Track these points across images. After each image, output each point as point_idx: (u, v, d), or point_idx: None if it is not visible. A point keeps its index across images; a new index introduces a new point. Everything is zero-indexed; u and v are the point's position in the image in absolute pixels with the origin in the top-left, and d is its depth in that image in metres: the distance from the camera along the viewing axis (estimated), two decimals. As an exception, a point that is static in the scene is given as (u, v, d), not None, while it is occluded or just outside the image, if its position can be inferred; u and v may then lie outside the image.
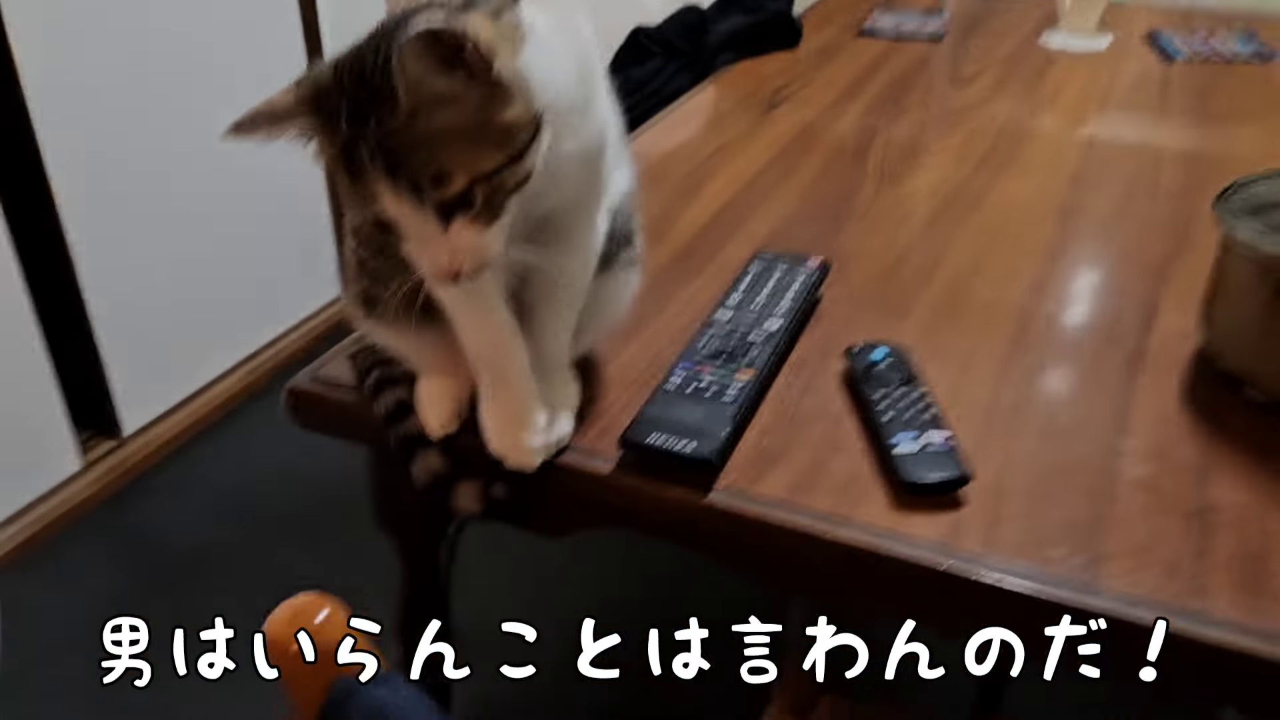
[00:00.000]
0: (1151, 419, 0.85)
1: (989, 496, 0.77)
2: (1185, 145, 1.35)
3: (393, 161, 0.60)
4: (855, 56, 1.69)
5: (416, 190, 0.61)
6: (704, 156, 1.33)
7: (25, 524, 1.87)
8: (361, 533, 0.93)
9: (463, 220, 0.63)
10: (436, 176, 0.61)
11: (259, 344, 2.34)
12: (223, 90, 2.09)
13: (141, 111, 1.94)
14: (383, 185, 0.61)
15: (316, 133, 0.64)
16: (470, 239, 0.64)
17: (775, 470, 0.79)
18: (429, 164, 0.61)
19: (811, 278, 0.98)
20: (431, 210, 0.62)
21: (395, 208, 0.62)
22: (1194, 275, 1.04)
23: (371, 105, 0.60)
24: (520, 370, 0.78)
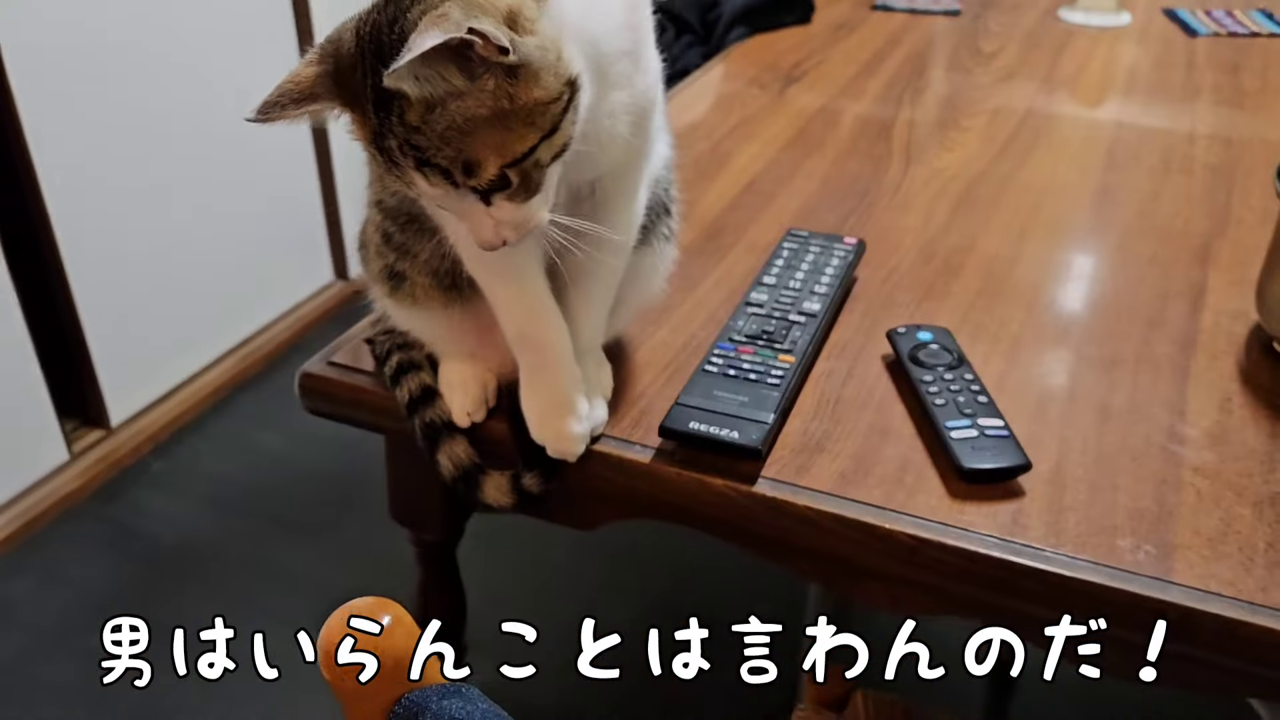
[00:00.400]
0: (1210, 403, 0.81)
1: (1049, 485, 0.73)
2: (1218, 122, 1.31)
3: (420, 155, 0.58)
4: (871, 32, 1.64)
5: (449, 178, 0.58)
6: (723, 134, 1.28)
7: (12, 516, 1.81)
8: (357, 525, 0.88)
9: (501, 197, 0.60)
10: (467, 165, 0.58)
11: (250, 331, 2.28)
12: (207, 74, 2.03)
13: (126, 95, 1.88)
14: (415, 175, 0.59)
15: (345, 111, 0.61)
16: (512, 212, 0.61)
17: (822, 459, 0.75)
18: (457, 156, 0.58)
19: (848, 257, 0.93)
20: (469, 192, 0.59)
21: (431, 191, 0.60)
22: (1241, 253, 1.01)
23: (393, 98, 0.57)
24: (564, 351, 0.73)
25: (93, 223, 1.87)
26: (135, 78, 1.89)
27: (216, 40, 2.03)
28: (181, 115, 1.99)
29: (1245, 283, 0.95)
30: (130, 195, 1.93)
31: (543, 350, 0.73)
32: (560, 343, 0.73)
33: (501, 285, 0.72)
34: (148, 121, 1.93)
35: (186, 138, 2.00)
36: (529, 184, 0.60)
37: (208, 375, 2.17)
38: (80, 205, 1.83)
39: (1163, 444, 0.77)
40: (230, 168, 2.12)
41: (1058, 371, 0.85)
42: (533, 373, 0.74)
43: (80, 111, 1.80)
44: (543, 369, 0.74)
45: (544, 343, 0.73)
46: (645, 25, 0.69)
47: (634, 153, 0.70)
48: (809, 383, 0.83)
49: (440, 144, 0.57)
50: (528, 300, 0.72)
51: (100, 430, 1.99)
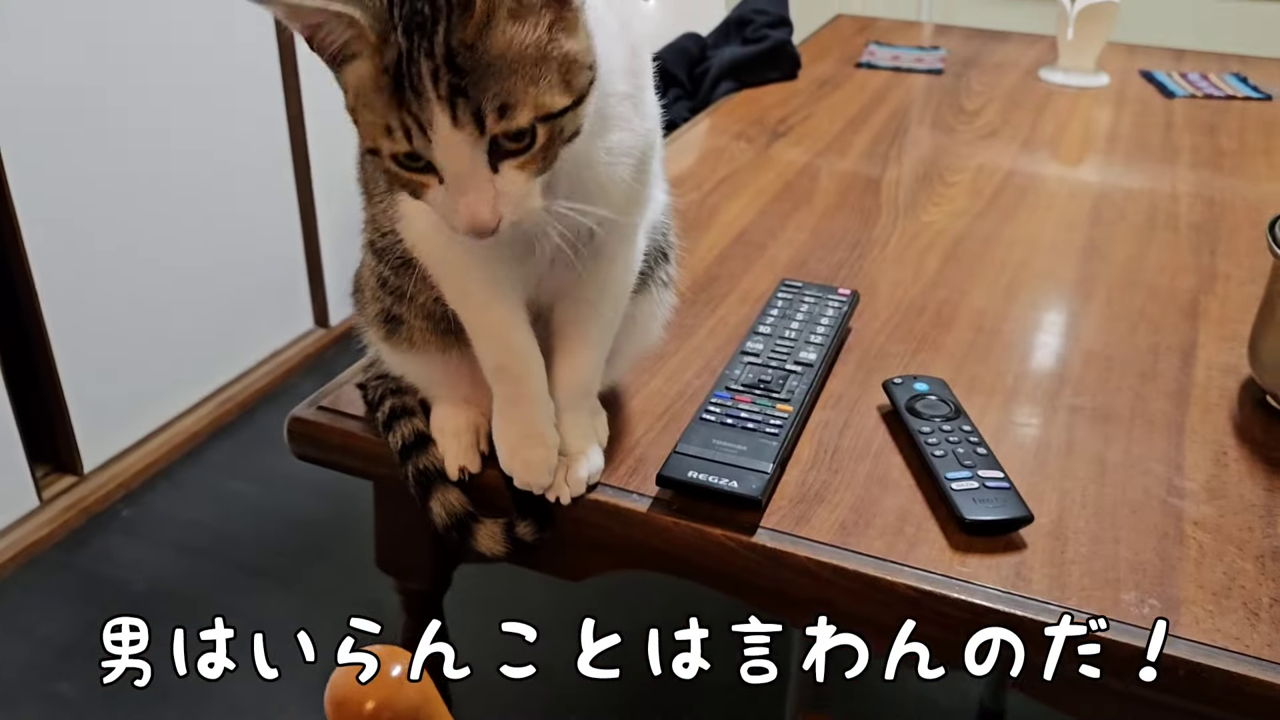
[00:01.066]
0: (1206, 457, 0.81)
1: (1051, 538, 0.72)
2: (1199, 181, 1.33)
3: (457, 82, 0.54)
4: (856, 89, 1.66)
5: (478, 119, 0.55)
6: (711, 187, 1.29)
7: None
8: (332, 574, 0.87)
9: (511, 165, 0.57)
10: (502, 107, 0.55)
11: (227, 378, 2.25)
12: (189, 115, 2.02)
13: (106, 135, 1.87)
14: (439, 110, 0.54)
15: (359, 38, 0.55)
16: (518, 185, 0.58)
17: (821, 509, 0.74)
18: (497, 91, 0.54)
19: (843, 308, 0.93)
20: (486, 147, 0.56)
21: (446, 140, 0.55)
22: (1229, 308, 1.02)
23: (439, 12, 0.53)
24: (539, 385, 0.73)
25: (72, 267, 1.84)
26: (116, 124, 1.88)
27: (200, 90, 2.03)
28: (161, 160, 1.98)
29: (1235, 338, 0.96)
30: (110, 240, 1.91)
31: (518, 383, 0.72)
32: (536, 376, 0.72)
33: (480, 317, 0.71)
34: (127, 166, 1.91)
35: (167, 182, 1.99)
36: (548, 153, 0.58)
37: (183, 422, 2.14)
38: (59, 249, 1.81)
39: (1162, 497, 0.77)
40: (212, 213, 2.11)
41: (1054, 424, 0.85)
42: (507, 404, 0.73)
43: (61, 154, 1.79)
44: (517, 401, 0.73)
45: (520, 375, 0.72)
46: (646, 72, 0.69)
47: (634, 197, 0.69)
48: (806, 433, 0.82)
49: (483, 73, 0.54)
50: (506, 333, 0.71)
51: (72, 476, 1.95)
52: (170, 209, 2.02)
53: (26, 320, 1.82)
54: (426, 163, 0.57)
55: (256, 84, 2.16)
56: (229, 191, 2.14)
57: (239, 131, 2.14)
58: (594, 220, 0.66)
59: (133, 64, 1.88)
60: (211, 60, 2.04)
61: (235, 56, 2.10)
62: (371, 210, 0.76)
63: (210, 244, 2.13)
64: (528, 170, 0.58)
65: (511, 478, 0.73)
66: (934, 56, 1.82)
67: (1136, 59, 1.88)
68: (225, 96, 2.09)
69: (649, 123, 0.68)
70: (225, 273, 2.18)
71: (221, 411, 2.20)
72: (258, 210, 2.24)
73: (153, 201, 1.98)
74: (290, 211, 2.31)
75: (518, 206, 0.59)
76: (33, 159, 1.73)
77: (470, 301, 0.71)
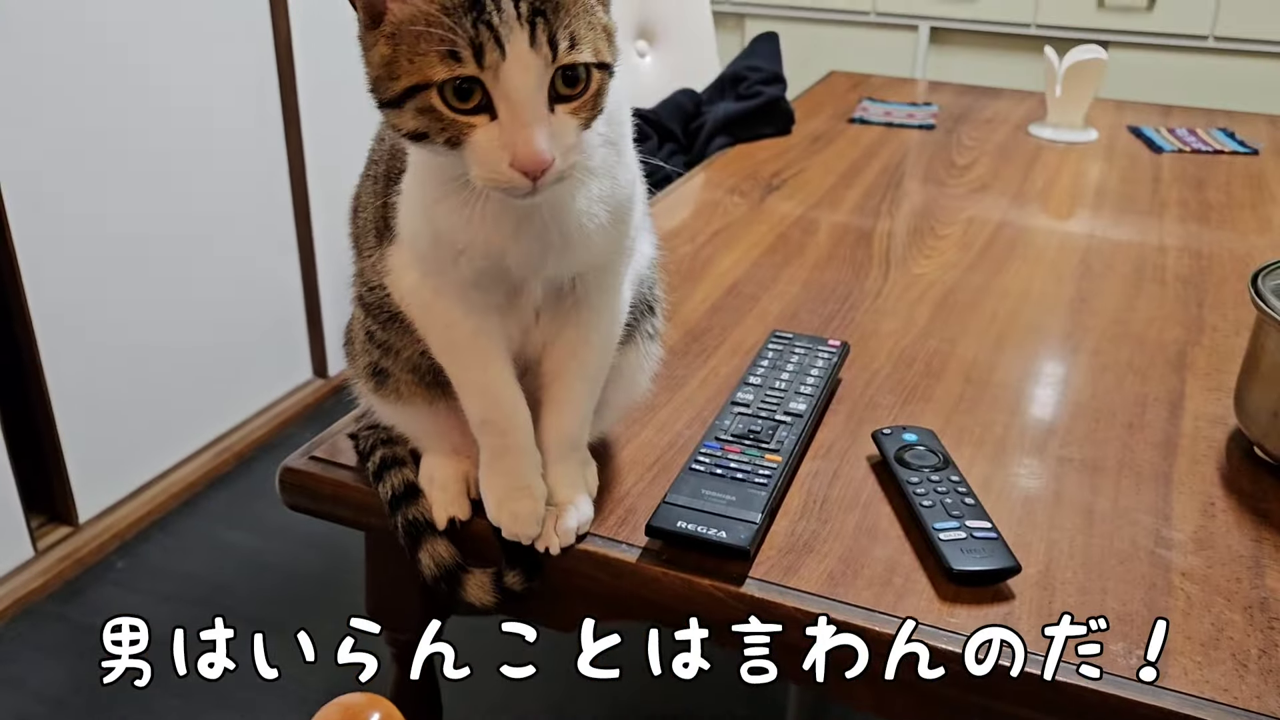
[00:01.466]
0: (1194, 508, 0.81)
1: (1038, 588, 0.72)
2: (1186, 235, 1.35)
3: (535, 6, 0.56)
4: (848, 144, 1.69)
5: (553, 44, 0.57)
6: (704, 239, 1.30)
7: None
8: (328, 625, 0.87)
9: (565, 109, 0.59)
10: (572, 39, 0.58)
11: (225, 428, 2.25)
12: (192, 165, 2.05)
13: (108, 186, 1.89)
14: (520, 29, 0.56)
15: None
16: (569, 130, 0.60)
17: (810, 560, 0.74)
18: (567, 24, 0.57)
19: (833, 359, 0.94)
20: (550, 77, 0.58)
21: (521, 59, 0.57)
22: (1216, 360, 1.03)
23: None
24: (525, 437, 0.74)
25: (71, 316, 1.86)
26: (118, 175, 1.91)
27: (202, 140, 2.06)
28: (163, 211, 2.00)
29: (1222, 389, 0.97)
30: (110, 289, 1.93)
31: (504, 435, 0.73)
32: (522, 429, 0.73)
33: (466, 371, 0.72)
34: (129, 217, 1.94)
35: (168, 232, 2.02)
36: (595, 104, 0.60)
37: (179, 472, 2.14)
38: (59, 299, 1.83)
39: (1150, 548, 0.77)
40: (212, 263, 2.13)
41: (1042, 475, 0.85)
42: (494, 457, 0.74)
43: (63, 207, 1.81)
44: (504, 454, 0.74)
45: (506, 428, 0.73)
46: (626, 121, 0.71)
47: (614, 246, 0.71)
48: (796, 483, 0.82)
49: (555, 7, 0.57)
50: (492, 387, 0.72)
51: (67, 527, 1.95)
52: (171, 259, 2.04)
53: (26, 371, 1.83)
54: (478, 103, 0.58)
55: (259, 135, 2.19)
56: (230, 241, 2.16)
57: (241, 182, 2.17)
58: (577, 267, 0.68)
59: (134, 113, 1.91)
60: (214, 111, 2.07)
61: (238, 108, 2.13)
62: (361, 264, 0.77)
63: (210, 294, 2.15)
64: (578, 116, 0.60)
65: (499, 528, 0.74)
66: (926, 112, 1.85)
67: (1125, 115, 1.91)
68: (228, 146, 2.12)
69: (629, 173, 0.70)
70: (224, 322, 2.20)
71: (219, 462, 2.20)
72: (258, 260, 2.26)
73: (153, 251, 2.00)
74: (291, 262, 2.34)
75: (565, 154, 0.60)
76: (35, 211, 1.76)
77: (456, 355, 0.72)
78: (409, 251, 0.70)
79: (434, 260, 0.68)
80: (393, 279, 0.72)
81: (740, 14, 3.29)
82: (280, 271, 2.32)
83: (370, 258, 0.74)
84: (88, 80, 1.81)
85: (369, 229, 0.75)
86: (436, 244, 0.67)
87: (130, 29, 1.87)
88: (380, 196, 0.73)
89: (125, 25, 1.86)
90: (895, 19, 3.13)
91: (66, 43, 1.76)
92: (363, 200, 0.77)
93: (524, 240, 0.66)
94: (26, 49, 1.69)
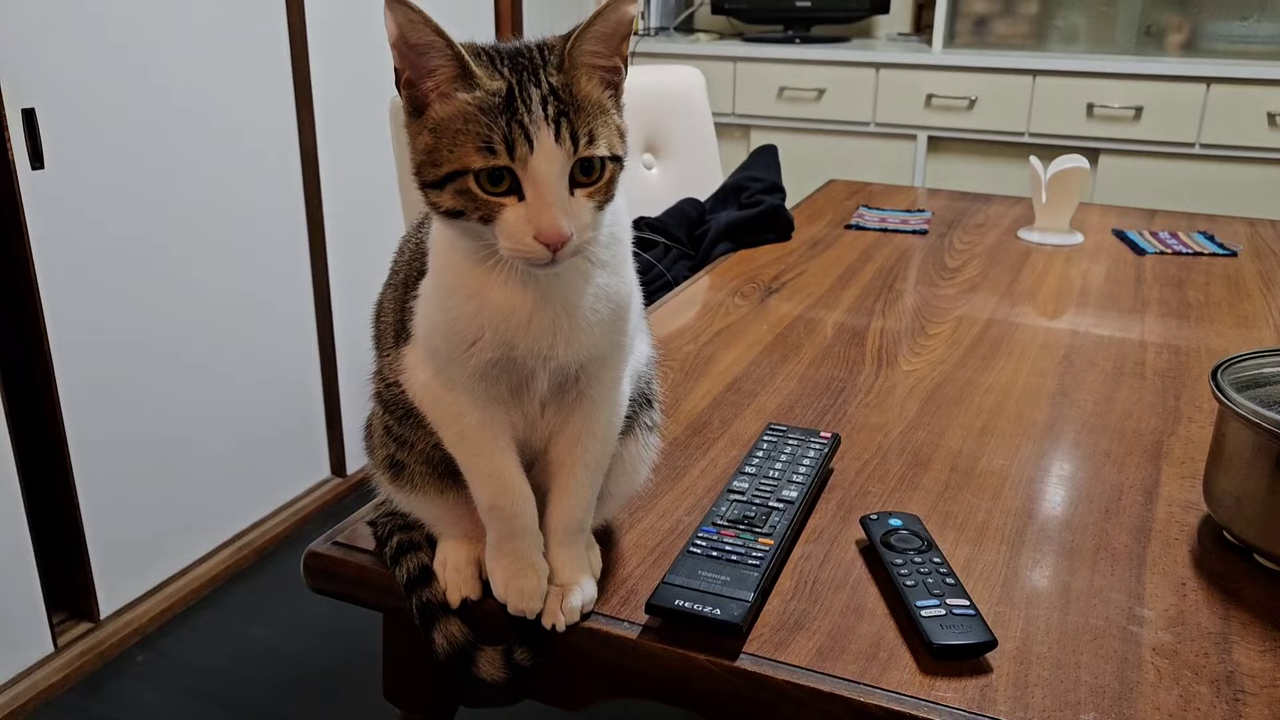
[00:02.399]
0: (1166, 588, 0.86)
1: (1015, 662, 0.77)
2: (1166, 331, 1.42)
3: (561, 109, 0.66)
4: (845, 248, 1.78)
5: (574, 139, 0.67)
6: (707, 338, 1.38)
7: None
8: (348, 718, 0.91)
9: (582, 193, 0.68)
10: (590, 135, 0.67)
11: (245, 525, 2.31)
12: (218, 266, 2.15)
13: (138, 290, 1.99)
14: (546, 128, 0.66)
15: (456, 75, 0.67)
16: (585, 210, 0.69)
17: (800, 636, 0.79)
18: (586, 123, 0.67)
19: (824, 449, 1.00)
20: (570, 167, 0.67)
21: (547, 152, 0.66)
22: (1190, 449, 1.08)
23: (541, 61, 0.68)
24: (530, 522, 0.80)
25: (99, 414, 1.93)
26: (145, 272, 2.00)
27: (227, 241, 2.16)
28: (189, 310, 2.09)
29: (1195, 476, 1.02)
30: (137, 389, 2.00)
31: (511, 520, 0.79)
32: (528, 514, 0.79)
33: (476, 460, 0.78)
34: (157, 316, 2.02)
35: (193, 332, 2.10)
36: (607, 190, 0.70)
37: (200, 568, 2.19)
38: (89, 399, 1.90)
39: (1122, 625, 0.81)
40: (234, 363, 2.21)
41: (1021, 556, 0.90)
42: (501, 539, 0.80)
43: (93, 304, 1.90)
44: (510, 537, 0.79)
45: (513, 513, 0.79)
46: (627, 230, 0.79)
47: (614, 342, 0.78)
48: (788, 565, 0.88)
49: (576, 109, 0.67)
50: (500, 476, 0.78)
51: (88, 622, 1.99)
52: (195, 359, 2.12)
53: (54, 470, 1.90)
54: (508, 186, 0.67)
55: (282, 236, 2.30)
56: (252, 342, 2.25)
57: (266, 288, 2.27)
58: (579, 358, 0.75)
59: (162, 210, 2.01)
60: (239, 211, 2.18)
61: (263, 207, 2.24)
62: (380, 362, 0.84)
63: (232, 393, 2.23)
64: (594, 199, 0.69)
65: (505, 604, 0.79)
66: (919, 218, 1.94)
67: (1110, 219, 2.00)
68: (252, 247, 2.22)
69: (629, 273, 0.78)
70: (246, 421, 2.27)
71: (239, 557, 2.25)
72: (279, 360, 2.35)
73: (178, 350, 2.08)
74: (312, 364, 2.42)
75: (581, 230, 0.69)
76: (70, 311, 1.85)
77: (466, 445, 0.78)
78: (424, 349, 0.77)
79: (447, 354, 0.75)
80: (407, 376, 0.79)
81: (746, 125, 3.44)
82: (302, 373, 2.41)
83: (388, 357, 0.81)
84: (124, 182, 1.92)
85: (389, 330, 0.82)
86: (450, 336, 0.74)
87: (155, 131, 1.99)
88: (400, 301, 0.81)
89: (146, 126, 1.98)
90: (895, 129, 3.26)
91: (105, 154, 1.87)
92: (384, 305, 0.85)
93: (533, 330, 0.73)
94: (71, 152, 1.81)
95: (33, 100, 1.72)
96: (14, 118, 1.70)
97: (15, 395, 1.80)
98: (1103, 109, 2.99)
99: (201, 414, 2.16)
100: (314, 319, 2.40)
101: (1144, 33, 3.10)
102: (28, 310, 1.79)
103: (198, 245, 2.08)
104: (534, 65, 0.68)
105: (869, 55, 3.24)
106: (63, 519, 1.93)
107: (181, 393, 2.10)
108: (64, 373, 1.85)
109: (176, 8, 1.95)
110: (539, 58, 0.68)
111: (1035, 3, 3.21)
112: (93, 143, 1.84)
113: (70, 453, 1.88)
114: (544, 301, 0.72)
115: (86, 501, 1.93)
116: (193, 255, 2.08)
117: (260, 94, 2.17)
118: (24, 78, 1.70)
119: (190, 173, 2.04)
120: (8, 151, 1.70)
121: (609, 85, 0.71)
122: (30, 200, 1.75)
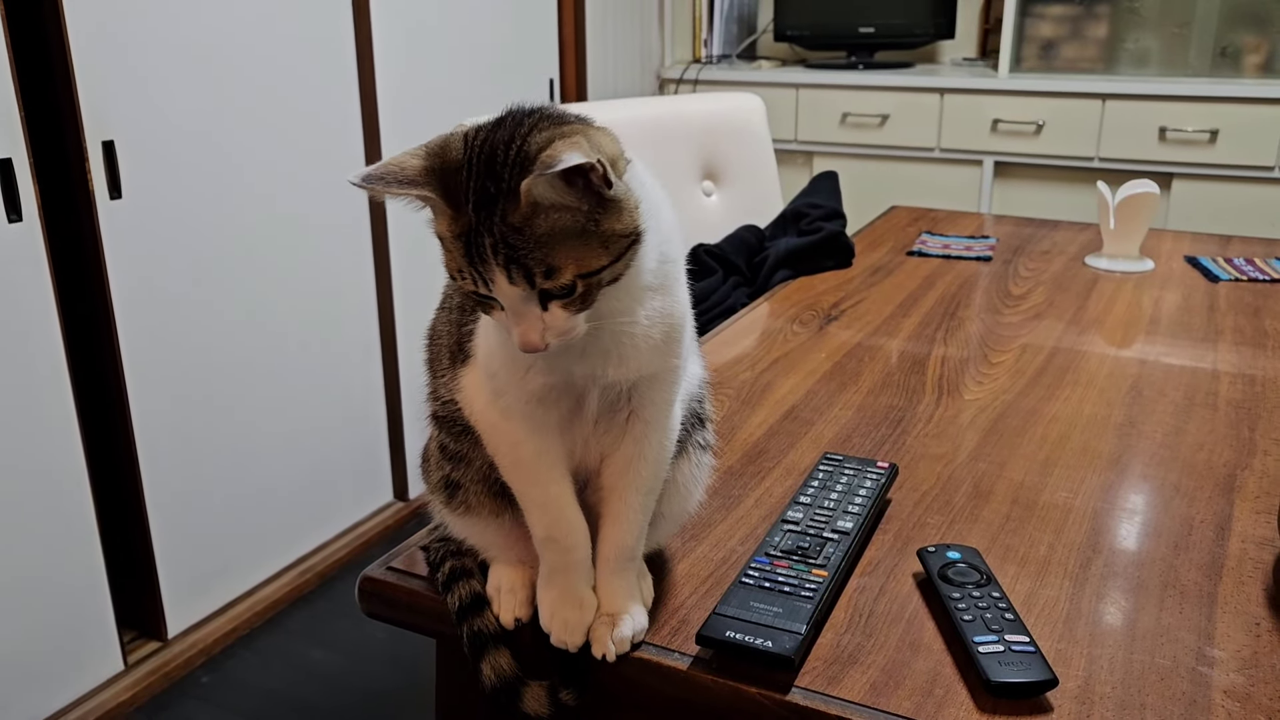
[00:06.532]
0: (1238, 627, 0.83)
1: (1077, 702, 0.74)
2: (1240, 361, 1.37)
3: (511, 254, 0.65)
4: (907, 275, 1.75)
5: (529, 279, 0.66)
6: (765, 366, 1.37)
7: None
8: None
9: (557, 305, 0.68)
10: (548, 270, 0.66)
11: (309, 548, 2.35)
12: (290, 301, 2.20)
13: (210, 323, 2.04)
14: (499, 272, 0.66)
15: (438, 209, 0.68)
16: (563, 320, 0.68)
17: (854, 670, 0.78)
18: (543, 260, 0.65)
19: (881, 480, 0.99)
20: (536, 298, 0.67)
21: (504, 291, 0.67)
22: (1266, 483, 1.04)
23: (497, 201, 0.65)
24: (584, 554, 0.80)
25: (171, 444, 1.98)
26: (217, 310, 2.06)
27: (296, 273, 2.21)
28: (260, 344, 2.14)
29: (1271, 512, 0.98)
30: (207, 417, 2.06)
31: (566, 553, 0.79)
32: (582, 547, 0.79)
33: (532, 489, 0.79)
34: (228, 352, 2.08)
35: (264, 365, 2.15)
36: (587, 298, 0.68)
37: (264, 590, 2.23)
38: (161, 428, 1.96)
39: (1191, 665, 0.78)
40: (303, 390, 2.26)
41: (1084, 592, 0.87)
42: (553, 571, 0.80)
43: (170, 341, 1.96)
44: (563, 569, 0.80)
45: (568, 545, 0.79)
46: (681, 256, 0.78)
47: (666, 363, 0.77)
48: (843, 597, 0.86)
49: (533, 247, 0.65)
50: (555, 505, 0.79)
51: (156, 642, 2.03)
52: (263, 385, 2.17)
53: (127, 493, 1.95)
54: (490, 297, 0.68)
55: (350, 266, 2.35)
56: (318, 368, 2.30)
57: (332, 313, 2.32)
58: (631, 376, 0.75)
59: (233, 239, 2.07)
60: (308, 241, 2.23)
61: (331, 236, 2.29)
62: (435, 384, 0.85)
63: (298, 418, 2.27)
64: (570, 309, 0.68)
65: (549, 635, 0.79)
66: (984, 245, 1.91)
67: (1183, 245, 1.95)
68: (320, 276, 2.27)
69: (683, 294, 0.78)
70: (312, 448, 2.31)
71: (302, 581, 2.28)
72: (345, 386, 2.39)
73: (247, 377, 2.13)
74: (377, 392, 2.46)
75: (562, 334, 0.69)
76: (145, 342, 1.90)
77: (521, 473, 0.78)
78: (482, 371, 0.78)
79: (505, 377, 0.76)
80: (464, 396, 0.80)
81: (809, 152, 3.43)
82: (366, 399, 2.45)
83: (443, 378, 0.82)
84: (199, 212, 1.98)
85: (443, 353, 0.83)
86: (509, 360, 0.75)
87: (229, 164, 2.04)
88: (455, 325, 0.82)
89: (221, 158, 2.03)
90: (960, 155, 3.23)
91: (181, 185, 1.93)
92: (438, 329, 0.86)
93: (588, 353, 0.73)
94: (148, 183, 1.87)
95: (112, 133, 1.79)
96: (95, 150, 1.77)
97: (91, 420, 1.86)
98: (1176, 132, 2.92)
99: (268, 439, 2.20)
100: (379, 346, 2.44)
101: (1219, 54, 3.03)
102: (104, 337, 1.85)
103: (268, 274, 2.14)
104: (493, 198, 0.65)
105: (933, 80, 3.21)
106: (134, 539, 1.98)
107: (249, 418, 2.15)
108: (137, 398, 1.90)
109: (252, 43, 2.01)
110: (505, 182, 0.65)
111: (1104, 26, 3.16)
112: (169, 174, 1.90)
113: (142, 475, 1.94)
114: (597, 325, 0.72)
115: (157, 522, 1.98)
116: (263, 284, 2.13)
117: (330, 130, 2.22)
118: (104, 111, 1.77)
119: (262, 204, 2.09)
120: (89, 183, 1.77)
121: (585, 196, 0.66)
122: (108, 229, 1.81)
